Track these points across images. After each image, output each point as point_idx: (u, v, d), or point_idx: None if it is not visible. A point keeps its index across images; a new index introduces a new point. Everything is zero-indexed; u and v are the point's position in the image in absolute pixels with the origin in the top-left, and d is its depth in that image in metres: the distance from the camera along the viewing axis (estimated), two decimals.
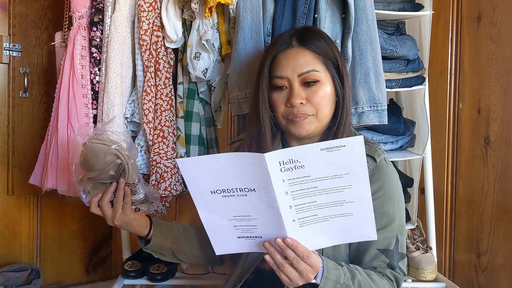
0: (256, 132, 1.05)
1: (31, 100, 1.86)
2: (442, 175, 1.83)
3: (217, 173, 0.81)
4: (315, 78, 0.99)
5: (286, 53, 1.02)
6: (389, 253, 0.98)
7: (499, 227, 1.64)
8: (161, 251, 1.10)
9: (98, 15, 1.42)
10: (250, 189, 0.80)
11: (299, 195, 0.80)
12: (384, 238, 0.98)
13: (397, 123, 1.44)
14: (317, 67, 1.00)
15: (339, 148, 0.75)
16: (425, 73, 1.48)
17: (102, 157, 0.98)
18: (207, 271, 1.56)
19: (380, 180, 0.99)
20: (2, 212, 1.83)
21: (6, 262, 1.83)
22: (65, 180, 1.37)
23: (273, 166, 0.76)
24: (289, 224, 0.82)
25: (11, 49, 1.80)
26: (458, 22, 1.80)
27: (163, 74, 1.40)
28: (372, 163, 1.00)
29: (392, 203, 0.99)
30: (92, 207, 1.01)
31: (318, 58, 1.01)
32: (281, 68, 1.01)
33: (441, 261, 1.83)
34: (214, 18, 1.37)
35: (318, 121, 1.01)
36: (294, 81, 1.00)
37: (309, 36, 1.03)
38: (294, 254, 0.83)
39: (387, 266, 0.98)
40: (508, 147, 1.62)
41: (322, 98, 1.00)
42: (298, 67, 0.99)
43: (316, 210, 0.81)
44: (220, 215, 0.86)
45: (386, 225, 0.98)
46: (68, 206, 1.98)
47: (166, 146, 1.40)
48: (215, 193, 0.83)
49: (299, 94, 0.99)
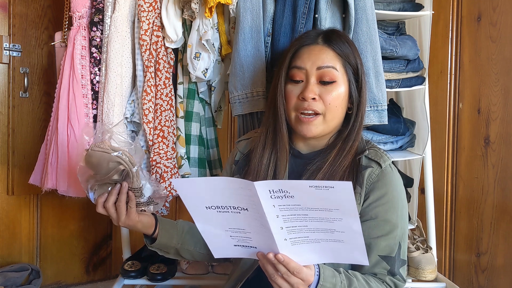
0: (272, 122, 1.07)
1: (31, 100, 1.86)
2: (442, 175, 1.83)
3: (211, 192, 0.83)
4: (332, 77, 1.00)
5: (309, 48, 1.04)
6: (390, 260, 0.97)
7: (499, 227, 1.64)
8: (166, 250, 1.11)
9: (98, 15, 1.42)
10: (243, 208, 0.82)
11: (289, 219, 0.80)
12: (386, 245, 0.98)
13: (397, 123, 1.44)
14: (337, 66, 1.02)
15: (327, 188, 0.75)
16: (425, 73, 1.48)
17: (105, 164, 0.98)
18: (207, 271, 1.56)
19: (384, 187, 0.99)
20: (2, 212, 1.83)
21: (6, 262, 1.83)
22: (65, 180, 1.37)
23: (263, 193, 0.77)
24: (281, 242, 0.83)
25: (11, 49, 1.80)
26: (458, 22, 1.80)
27: (163, 74, 1.40)
28: (378, 168, 1.00)
29: (396, 210, 0.99)
30: (98, 207, 1.01)
31: (339, 59, 1.02)
32: (302, 60, 1.03)
33: (441, 261, 1.83)
34: (214, 18, 1.37)
35: (326, 123, 1.02)
36: (311, 74, 1.01)
37: (335, 37, 1.05)
38: (285, 269, 0.84)
39: (387, 273, 0.98)
40: (508, 147, 1.62)
41: (335, 99, 1.00)
42: (319, 61, 1.01)
43: (307, 233, 0.82)
44: (216, 227, 0.87)
45: (389, 232, 0.98)
46: (68, 206, 1.98)
47: (166, 146, 1.40)
48: (210, 208, 0.85)
49: (313, 89, 1.00)
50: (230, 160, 1.19)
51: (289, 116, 1.04)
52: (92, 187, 1.03)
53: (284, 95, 1.05)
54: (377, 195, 0.99)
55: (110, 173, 0.98)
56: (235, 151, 1.18)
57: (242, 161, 1.14)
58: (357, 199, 0.99)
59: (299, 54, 1.05)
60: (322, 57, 1.01)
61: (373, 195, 0.99)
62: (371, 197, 0.99)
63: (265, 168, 1.05)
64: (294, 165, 1.07)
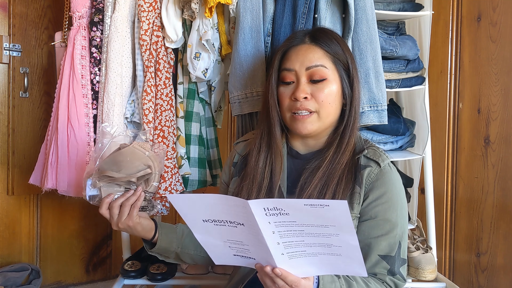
0: (266, 124, 1.08)
1: (31, 100, 1.86)
2: (442, 175, 1.83)
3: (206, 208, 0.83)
4: (322, 75, 1.01)
5: (297, 48, 1.04)
6: (390, 259, 0.97)
7: (499, 227, 1.64)
8: (166, 254, 1.10)
9: (98, 15, 1.42)
10: (239, 223, 0.82)
11: (286, 235, 0.80)
12: (386, 245, 0.98)
13: (397, 123, 1.44)
14: (326, 64, 1.02)
15: (323, 206, 0.75)
16: (425, 73, 1.48)
17: (136, 164, 0.97)
18: (207, 271, 1.56)
19: (383, 186, 0.99)
20: (2, 212, 1.83)
21: (6, 262, 1.83)
22: (65, 180, 1.37)
23: (258, 211, 0.77)
24: (278, 256, 0.83)
25: (11, 49, 1.80)
26: (458, 22, 1.80)
27: (163, 74, 1.40)
28: (377, 168, 1.00)
29: (395, 209, 0.99)
30: (103, 208, 1.00)
31: (328, 56, 1.02)
32: (291, 61, 1.03)
33: (441, 261, 1.83)
34: (214, 18, 1.37)
35: (321, 120, 1.02)
36: (301, 75, 1.02)
37: (322, 35, 1.05)
38: (283, 283, 0.83)
39: (387, 273, 0.98)
40: (508, 147, 1.62)
41: (327, 96, 1.01)
42: (307, 61, 1.01)
43: (304, 247, 0.82)
44: (215, 237, 0.87)
45: (389, 231, 0.98)
46: (68, 206, 1.98)
47: (166, 146, 1.40)
48: (207, 221, 0.85)
49: (304, 89, 1.01)
50: (228, 162, 1.19)
51: (284, 117, 1.05)
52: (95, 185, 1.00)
53: (278, 97, 1.05)
54: (376, 194, 0.99)
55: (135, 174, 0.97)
56: (233, 153, 1.18)
57: (240, 163, 1.14)
58: (357, 199, 0.99)
59: (287, 56, 1.05)
60: (310, 57, 1.02)
61: (372, 195, 0.99)
62: (370, 197, 0.99)
63: (261, 171, 1.05)
64: (292, 165, 1.07)
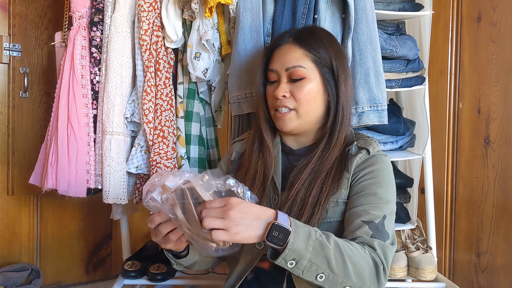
0: (258, 121, 1.12)
1: (31, 100, 1.86)
2: (442, 175, 1.83)
3: None
4: (300, 74, 1.03)
5: (279, 49, 1.08)
6: (373, 225, 0.92)
7: (499, 227, 1.64)
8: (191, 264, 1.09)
9: (98, 15, 1.42)
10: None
11: None
12: (369, 214, 0.94)
13: (397, 123, 1.44)
14: (305, 64, 1.03)
15: None
16: (425, 73, 1.48)
17: None
18: (207, 271, 1.56)
19: (371, 166, 1.00)
20: (2, 212, 1.83)
21: (6, 262, 1.83)
22: (65, 180, 1.37)
23: None
24: None
25: (11, 49, 1.80)
26: (458, 22, 1.80)
27: (163, 74, 1.40)
28: (366, 154, 1.02)
29: (381, 186, 0.98)
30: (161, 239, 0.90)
31: (307, 55, 1.04)
32: (273, 62, 1.07)
33: (441, 261, 1.83)
34: (214, 18, 1.37)
35: (300, 118, 1.04)
36: (282, 75, 1.05)
37: (304, 35, 1.06)
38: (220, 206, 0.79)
39: (370, 237, 0.91)
40: (508, 147, 1.62)
41: (306, 95, 1.03)
42: (287, 62, 1.04)
43: None
44: None
45: (373, 203, 0.95)
46: (68, 206, 1.98)
47: (166, 146, 1.40)
48: None
49: (283, 88, 1.04)
50: (225, 159, 1.21)
51: (271, 116, 1.09)
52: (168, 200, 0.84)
53: (265, 95, 1.10)
54: (363, 172, 1.00)
55: None
56: (230, 150, 1.20)
57: (236, 160, 1.17)
58: (344, 185, 1.00)
59: (272, 56, 1.08)
60: (289, 58, 1.04)
61: (360, 174, 1.00)
62: (358, 176, 1.00)
63: (254, 164, 1.08)
64: (287, 161, 1.10)
